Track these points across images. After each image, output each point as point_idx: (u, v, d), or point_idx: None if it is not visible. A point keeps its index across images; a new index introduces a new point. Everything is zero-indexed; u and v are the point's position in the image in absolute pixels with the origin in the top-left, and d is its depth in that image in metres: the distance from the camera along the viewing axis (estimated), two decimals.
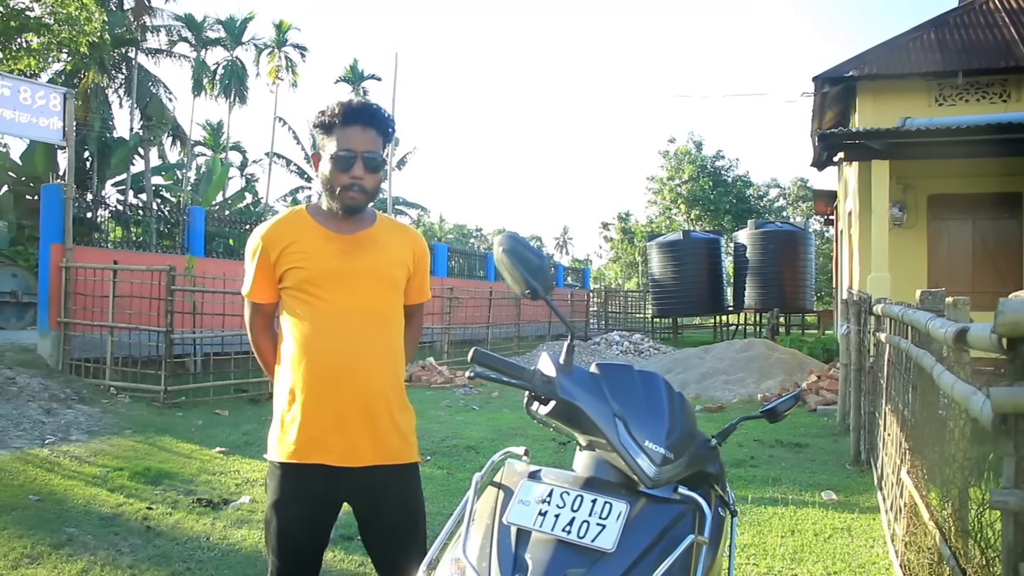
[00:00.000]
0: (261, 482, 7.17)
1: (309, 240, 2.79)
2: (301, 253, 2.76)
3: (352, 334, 2.75)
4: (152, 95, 36.35)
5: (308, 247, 2.77)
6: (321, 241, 2.79)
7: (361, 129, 2.74)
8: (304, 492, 2.76)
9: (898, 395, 5.07)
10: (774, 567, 4.98)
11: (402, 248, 2.93)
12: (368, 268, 2.80)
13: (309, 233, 2.80)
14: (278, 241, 2.80)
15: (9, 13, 20.94)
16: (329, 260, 2.76)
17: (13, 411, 9.08)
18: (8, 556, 5.03)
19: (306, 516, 2.78)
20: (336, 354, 2.73)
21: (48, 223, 12.00)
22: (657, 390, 2.17)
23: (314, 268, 2.75)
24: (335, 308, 2.75)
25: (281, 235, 2.81)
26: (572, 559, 1.91)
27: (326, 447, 2.73)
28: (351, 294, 2.77)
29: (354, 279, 2.78)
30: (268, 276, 2.82)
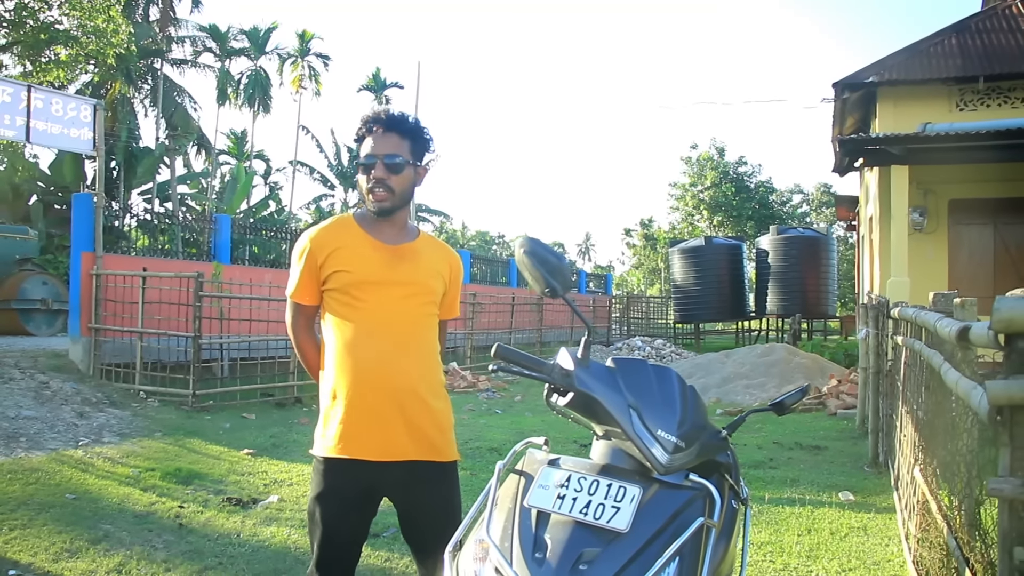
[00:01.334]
0: (289, 482, 7.35)
1: (356, 247, 2.95)
2: (347, 258, 2.92)
3: (391, 338, 2.92)
4: (177, 105, 36.77)
5: (354, 253, 2.93)
6: (368, 249, 2.95)
7: (381, 134, 2.92)
8: (345, 485, 2.91)
9: (913, 396, 5.17)
10: (790, 564, 5.08)
11: (440, 263, 3.11)
12: (409, 278, 2.97)
13: (356, 240, 2.97)
14: (326, 245, 2.95)
15: (39, 27, 21.30)
16: (374, 267, 2.93)
17: (48, 414, 9.30)
18: (49, 550, 5.22)
19: (347, 508, 2.93)
20: (375, 357, 2.89)
21: (79, 231, 12.25)
22: (670, 383, 2.31)
23: (359, 274, 2.91)
24: (376, 313, 2.91)
25: (329, 239, 2.96)
26: (589, 539, 2.05)
27: (365, 443, 2.88)
28: (392, 301, 2.93)
29: (396, 287, 2.94)
30: (313, 278, 2.97)
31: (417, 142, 2.97)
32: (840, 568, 5.02)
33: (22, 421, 8.87)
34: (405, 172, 2.93)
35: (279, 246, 19.27)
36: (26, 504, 6.23)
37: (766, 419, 10.84)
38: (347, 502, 2.93)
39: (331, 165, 49.27)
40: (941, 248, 15.18)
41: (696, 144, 54.92)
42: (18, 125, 11.12)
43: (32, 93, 11.34)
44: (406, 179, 2.95)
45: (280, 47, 48.34)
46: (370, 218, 3.02)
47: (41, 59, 22.57)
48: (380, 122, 2.92)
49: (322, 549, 2.94)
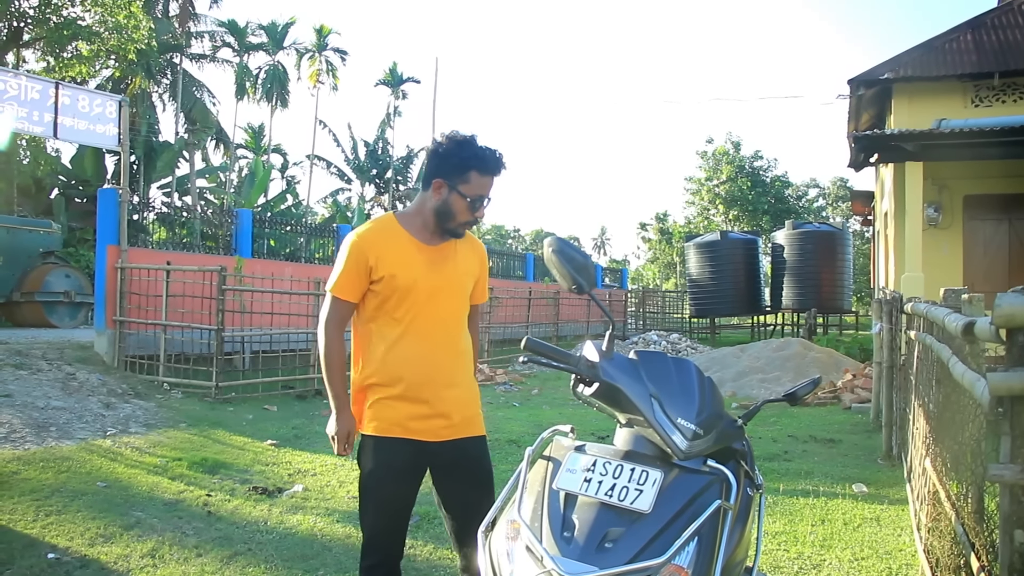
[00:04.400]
0: (312, 472, 7.51)
1: (402, 249, 3.13)
2: (395, 261, 3.10)
3: (434, 337, 3.16)
4: (196, 99, 37.03)
5: (402, 256, 3.12)
6: (413, 251, 3.14)
7: (493, 179, 3.14)
8: (396, 460, 3.14)
9: (924, 389, 5.29)
10: (804, 553, 5.21)
11: (471, 258, 3.33)
12: (449, 279, 3.19)
13: (402, 243, 3.15)
14: (376, 246, 3.12)
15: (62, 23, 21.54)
16: (420, 270, 3.12)
17: (75, 405, 9.50)
18: (84, 535, 5.40)
19: (396, 481, 3.16)
20: (419, 354, 3.13)
21: (104, 225, 12.44)
22: (689, 374, 2.45)
23: (407, 276, 3.10)
24: (421, 314, 3.14)
25: (378, 241, 3.13)
26: (613, 519, 2.20)
27: (413, 427, 3.13)
28: (436, 300, 3.16)
29: (438, 288, 3.16)
30: (361, 277, 3.13)
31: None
32: (853, 557, 5.14)
33: (51, 411, 9.06)
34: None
35: (296, 240, 19.45)
36: (59, 491, 6.41)
37: (781, 413, 10.95)
38: (400, 473, 3.16)
39: (348, 159, 49.44)
40: (956, 243, 15.22)
41: (712, 139, 54.82)
42: (46, 121, 11.31)
43: (60, 90, 11.53)
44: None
45: (298, 42, 48.65)
46: (412, 220, 3.21)
47: (63, 55, 22.82)
48: (498, 169, 3.13)
49: (378, 519, 3.18)
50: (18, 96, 10.96)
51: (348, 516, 6.08)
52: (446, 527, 3.33)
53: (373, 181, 50.36)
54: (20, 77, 11.44)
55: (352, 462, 7.90)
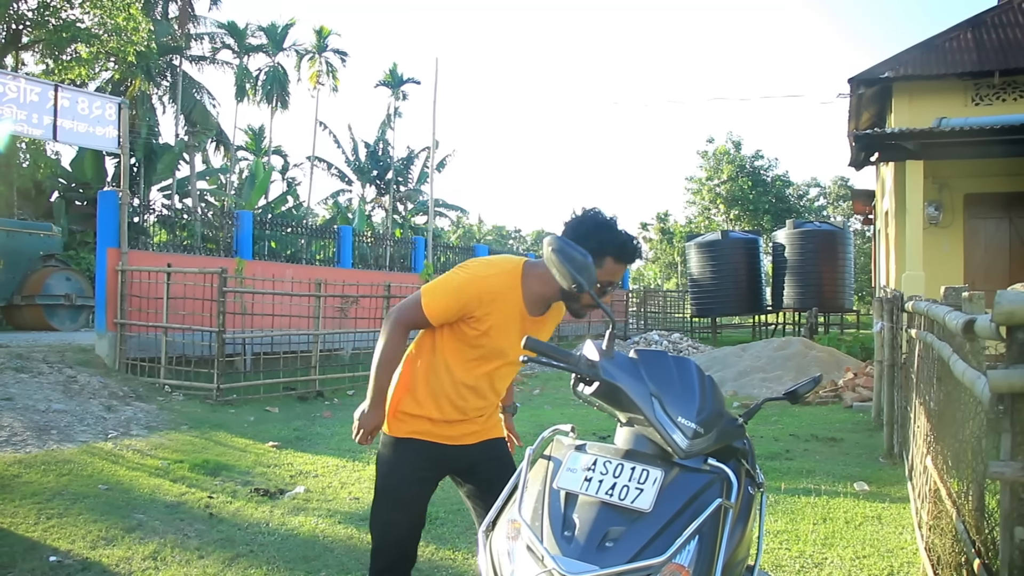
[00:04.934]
0: (314, 474, 7.52)
1: (510, 313, 3.06)
2: (499, 322, 3.04)
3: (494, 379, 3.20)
4: (196, 101, 36.97)
5: (506, 320, 3.05)
6: (517, 318, 3.08)
7: (624, 267, 3.04)
8: (415, 461, 3.15)
9: (925, 387, 5.29)
10: (805, 551, 5.21)
11: (555, 321, 3.30)
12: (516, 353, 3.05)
13: (513, 307, 3.06)
14: (491, 299, 3.03)
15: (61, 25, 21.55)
16: (514, 339, 2.97)
17: (77, 407, 9.51)
18: (86, 538, 5.40)
19: (414, 483, 3.16)
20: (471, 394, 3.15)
21: (104, 228, 12.45)
22: (689, 373, 2.45)
23: (500, 342, 3.08)
24: (491, 364, 3.14)
25: (496, 295, 3.02)
26: (614, 518, 2.20)
27: (440, 433, 3.16)
28: (507, 356, 3.13)
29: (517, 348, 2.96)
30: (457, 310, 3.02)
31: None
32: (854, 555, 5.14)
33: (52, 414, 9.07)
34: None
35: (297, 241, 19.46)
36: (61, 494, 6.42)
37: (782, 412, 10.95)
38: (419, 476, 3.16)
39: (348, 160, 49.35)
40: (956, 242, 15.22)
41: (713, 138, 54.70)
42: (45, 124, 11.32)
43: (59, 92, 11.54)
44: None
45: (298, 43, 48.47)
46: (533, 284, 3.09)
47: (62, 57, 22.83)
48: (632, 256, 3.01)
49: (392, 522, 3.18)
50: (17, 99, 10.97)
51: (350, 517, 6.09)
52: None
53: (374, 182, 50.29)
54: (19, 79, 11.45)
55: (354, 463, 7.93)
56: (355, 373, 14.24)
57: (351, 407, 11.46)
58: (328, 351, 14.73)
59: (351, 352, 15.62)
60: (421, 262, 21.42)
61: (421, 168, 50.12)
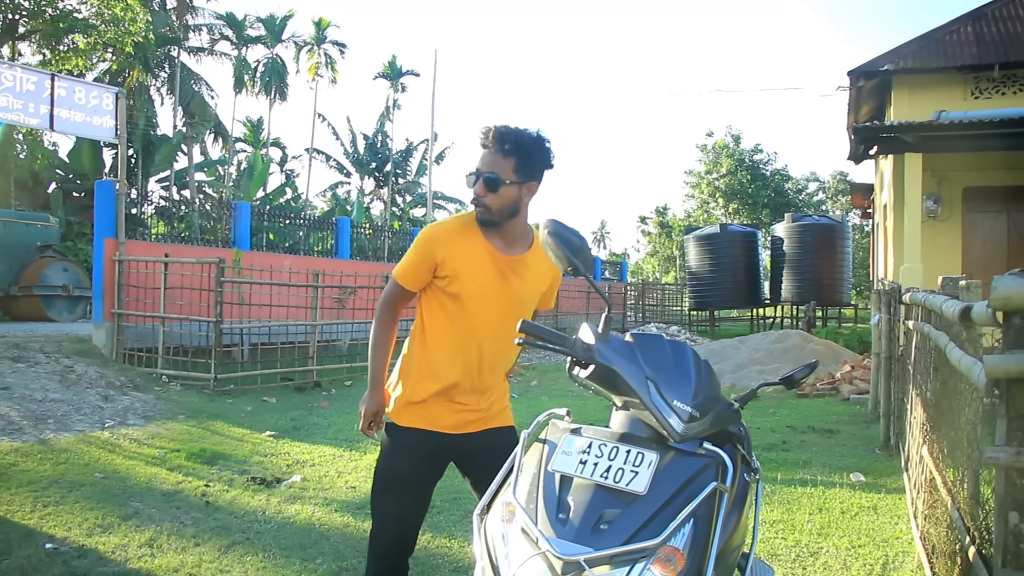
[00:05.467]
0: (311, 463, 7.52)
1: (474, 253, 3.03)
2: (464, 263, 3.01)
3: (483, 348, 3.10)
4: (194, 93, 36.97)
5: (472, 260, 3.02)
6: (485, 257, 3.04)
7: (488, 150, 2.98)
8: (417, 449, 3.11)
9: (922, 378, 5.29)
10: (801, 541, 5.22)
11: (545, 275, 3.19)
12: (515, 295, 3.08)
13: (476, 246, 3.04)
14: (449, 245, 3.03)
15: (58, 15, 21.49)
16: (487, 278, 3.02)
17: (74, 397, 9.50)
18: (82, 525, 5.40)
19: (418, 468, 3.13)
20: (467, 360, 3.09)
21: (102, 218, 12.42)
22: (685, 357, 2.44)
23: (472, 282, 3.02)
24: (477, 320, 3.06)
25: (452, 238, 3.03)
26: (609, 501, 2.19)
27: (441, 421, 3.11)
28: (494, 312, 3.07)
29: (501, 301, 3.06)
30: (426, 269, 3.04)
31: (525, 159, 2.98)
32: (850, 545, 5.15)
33: (49, 404, 9.06)
34: (503, 190, 2.97)
35: (296, 233, 19.45)
36: (57, 482, 6.42)
37: (780, 404, 10.97)
38: (418, 462, 3.12)
39: (347, 153, 49.36)
40: (955, 235, 15.22)
41: (712, 132, 54.68)
42: (42, 113, 11.30)
43: (56, 82, 11.51)
44: (504, 197, 2.98)
45: (296, 35, 48.55)
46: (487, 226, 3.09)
47: (59, 47, 22.78)
48: (488, 137, 2.97)
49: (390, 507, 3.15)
50: (13, 88, 10.94)
51: (346, 506, 6.09)
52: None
53: (372, 174, 50.28)
54: (15, 68, 11.42)
55: (351, 452, 7.94)
56: (352, 364, 14.24)
57: (348, 398, 11.55)
58: (325, 342, 14.72)
59: (348, 343, 15.62)
60: None
61: (420, 160, 50.13)
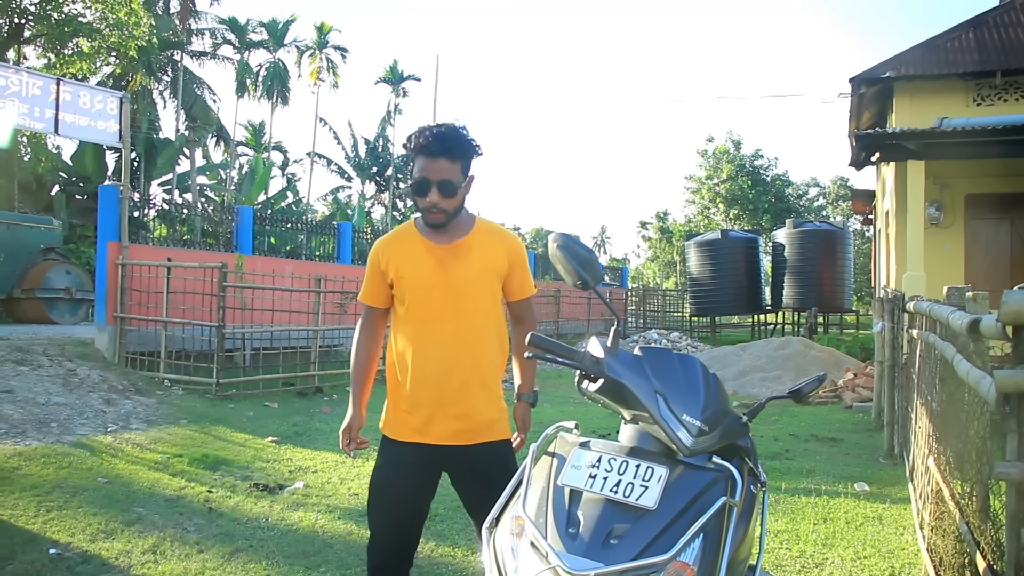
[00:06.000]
0: (313, 469, 7.51)
1: (413, 252, 3.12)
2: (405, 264, 3.10)
3: (445, 338, 3.09)
4: (197, 97, 37.02)
5: (411, 258, 3.11)
6: (422, 252, 3.11)
7: (433, 158, 2.98)
8: (406, 461, 3.13)
9: (927, 388, 5.28)
10: (806, 551, 5.21)
11: (495, 253, 3.18)
12: (462, 276, 3.10)
13: (414, 245, 3.14)
14: (389, 252, 3.15)
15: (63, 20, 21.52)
16: (426, 270, 3.09)
17: (76, 401, 9.49)
18: (86, 531, 5.40)
19: (407, 481, 3.14)
20: (432, 356, 3.10)
21: (105, 222, 12.43)
22: (694, 371, 2.44)
23: (415, 277, 3.09)
24: (430, 314, 3.09)
25: (391, 247, 3.17)
26: (618, 515, 2.19)
27: (426, 431, 3.11)
28: (447, 300, 3.09)
29: (449, 287, 3.09)
30: (379, 282, 3.19)
31: (467, 158, 3.07)
32: (855, 556, 5.14)
33: (52, 407, 9.05)
34: (458, 193, 3.05)
35: (297, 237, 19.45)
36: (60, 487, 6.41)
37: (783, 412, 10.95)
38: (408, 474, 3.13)
39: (348, 157, 49.40)
40: (957, 243, 15.21)
41: (712, 137, 54.78)
42: (47, 117, 11.30)
43: (61, 86, 11.51)
44: (458, 199, 3.08)
45: (298, 40, 48.58)
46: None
47: (64, 51, 22.81)
48: (431, 146, 2.97)
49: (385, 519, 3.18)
50: (19, 92, 10.95)
51: (349, 513, 6.08)
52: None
53: (373, 179, 50.34)
54: (21, 73, 11.42)
55: (353, 460, 7.91)
56: None
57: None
58: (327, 347, 14.70)
59: (350, 348, 15.60)
60: None
61: None
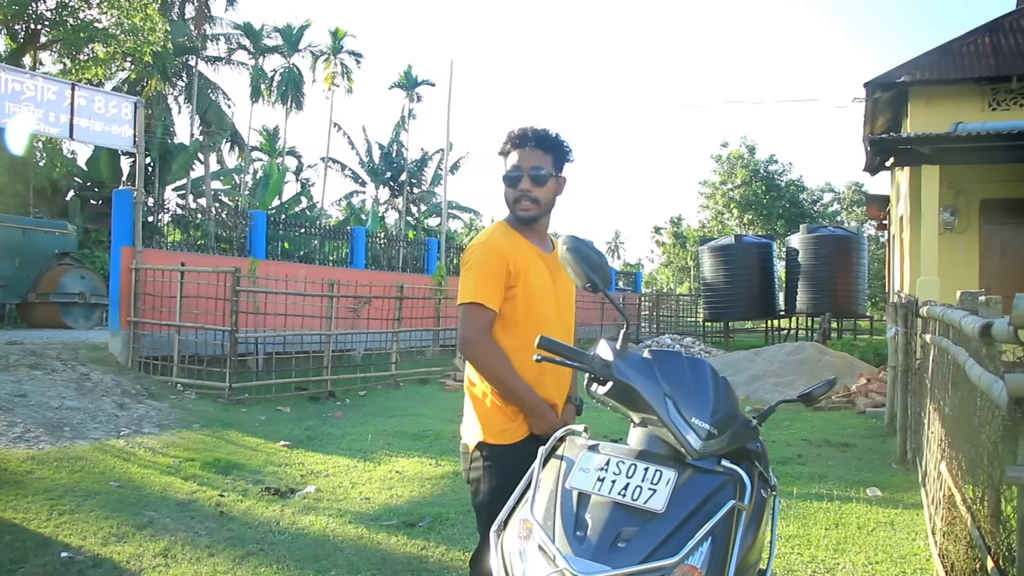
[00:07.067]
0: (325, 473, 7.52)
1: (528, 257, 3.09)
2: (526, 267, 3.05)
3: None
4: (211, 102, 37.14)
5: (531, 264, 3.07)
6: (536, 259, 3.11)
7: (526, 149, 3.07)
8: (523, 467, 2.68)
9: (940, 393, 5.26)
10: (817, 556, 5.18)
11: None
12: (564, 287, 3.16)
13: (525, 247, 3.11)
14: (512, 255, 3.06)
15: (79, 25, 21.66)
16: (545, 276, 3.10)
17: (89, 405, 9.53)
18: (97, 534, 5.41)
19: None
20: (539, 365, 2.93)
21: (119, 226, 12.48)
22: (703, 374, 2.43)
23: (537, 284, 3.07)
24: (545, 320, 3.07)
25: (508, 245, 3.09)
26: (626, 519, 2.18)
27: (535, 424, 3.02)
28: (556, 308, 3.13)
29: (557, 295, 3.13)
30: (501, 284, 3.02)
31: (558, 154, 3.13)
32: (867, 561, 5.11)
33: (65, 411, 9.09)
34: (548, 184, 3.10)
35: (311, 242, 19.49)
36: (73, 491, 6.43)
37: (795, 417, 10.91)
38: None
39: (362, 162, 49.44)
40: (972, 248, 15.11)
41: (727, 142, 54.46)
42: (62, 122, 11.38)
43: (76, 91, 11.59)
44: (549, 190, 3.12)
45: (313, 45, 48.66)
46: (522, 228, 3.16)
47: (80, 57, 22.96)
48: (526, 137, 3.08)
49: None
50: (35, 97, 11.03)
51: (360, 517, 6.09)
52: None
53: (387, 184, 50.36)
54: (37, 78, 11.50)
55: (365, 463, 7.93)
56: (367, 374, 14.26)
57: (362, 408, 11.57)
58: (340, 351, 14.74)
59: (363, 353, 15.64)
60: (434, 264, 21.43)
61: (435, 170, 50.14)
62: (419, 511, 6.27)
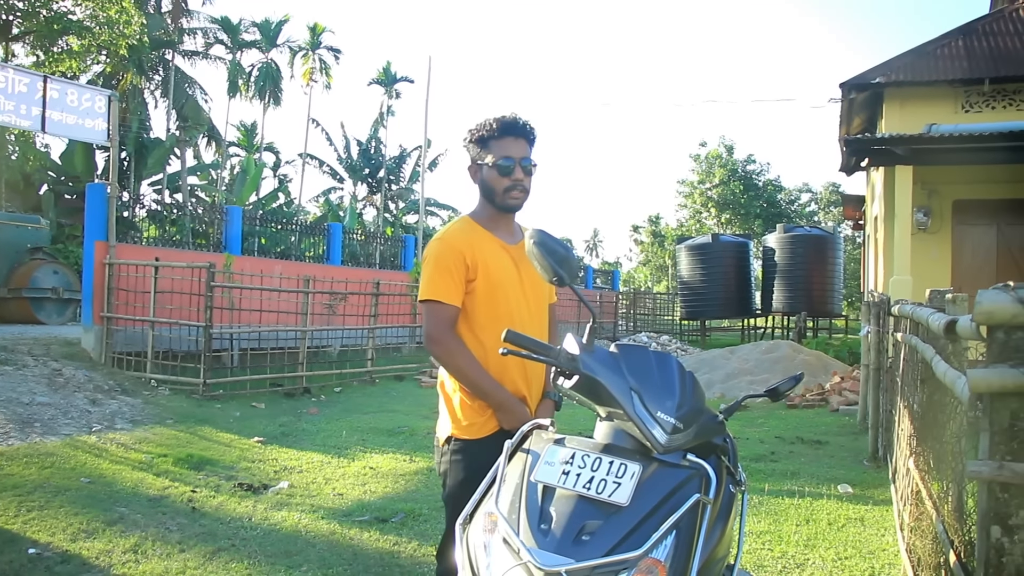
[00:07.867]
0: (299, 469, 7.50)
1: (490, 249, 3.07)
2: (487, 261, 3.03)
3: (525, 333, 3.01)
4: (188, 96, 36.87)
5: (491, 256, 3.05)
6: (499, 250, 3.09)
7: (515, 139, 3.06)
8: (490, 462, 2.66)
9: (910, 390, 5.30)
10: (788, 552, 5.22)
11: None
12: (530, 278, 3.09)
13: (487, 242, 3.08)
14: (468, 244, 3.05)
15: (52, 17, 21.44)
16: (508, 268, 3.07)
17: (61, 401, 9.46)
18: (67, 531, 5.37)
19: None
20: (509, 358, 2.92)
21: (92, 221, 12.40)
22: (669, 369, 2.44)
23: (498, 275, 3.04)
24: (512, 311, 3.05)
25: (469, 243, 3.04)
26: (591, 512, 2.18)
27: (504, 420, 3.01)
28: (523, 298, 3.10)
29: (523, 288, 3.10)
30: (460, 279, 3.00)
31: (533, 145, 3.15)
32: (836, 556, 5.15)
33: (36, 407, 9.02)
34: (533, 174, 3.12)
35: (288, 238, 19.42)
36: (42, 487, 6.38)
37: (769, 415, 10.97)
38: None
39: (340, 158, 49.25)
40: (945, 248, 15.23)
41: (705, 142, 54.94)
42: (34, 115, 11.27)
43: (48, 83, 11.47)
44: (532, 181, 3.14)
45: (291, 40, 48.38)
46: (488, 219, 3.14)
47: (53, 49, 22.71)
48: (517, 126, 3.08)
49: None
50: (5, 89, 10.91)
51: (333, 513, 6.08)
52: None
53: (366, 180, 50.18)
54: (7, 70, 11.37)
55: (339, 459, 7.91)
56: (342, 370, 14.24)
57: (338, 404, 11.54)
58: (316, 348, 14.70)
59: (339, 349, 15.60)
60: (411, 261, 21.39)
61: (413, 167, 50.04)
62: (392, 507, 6.27)
